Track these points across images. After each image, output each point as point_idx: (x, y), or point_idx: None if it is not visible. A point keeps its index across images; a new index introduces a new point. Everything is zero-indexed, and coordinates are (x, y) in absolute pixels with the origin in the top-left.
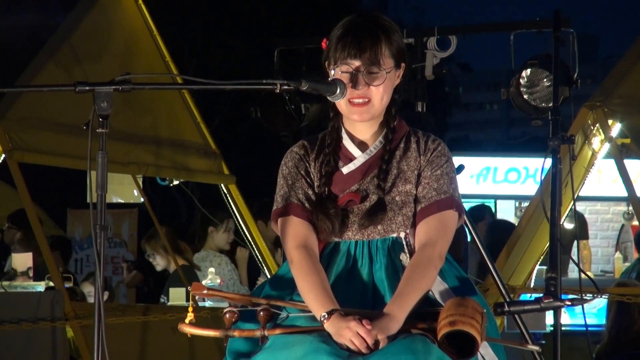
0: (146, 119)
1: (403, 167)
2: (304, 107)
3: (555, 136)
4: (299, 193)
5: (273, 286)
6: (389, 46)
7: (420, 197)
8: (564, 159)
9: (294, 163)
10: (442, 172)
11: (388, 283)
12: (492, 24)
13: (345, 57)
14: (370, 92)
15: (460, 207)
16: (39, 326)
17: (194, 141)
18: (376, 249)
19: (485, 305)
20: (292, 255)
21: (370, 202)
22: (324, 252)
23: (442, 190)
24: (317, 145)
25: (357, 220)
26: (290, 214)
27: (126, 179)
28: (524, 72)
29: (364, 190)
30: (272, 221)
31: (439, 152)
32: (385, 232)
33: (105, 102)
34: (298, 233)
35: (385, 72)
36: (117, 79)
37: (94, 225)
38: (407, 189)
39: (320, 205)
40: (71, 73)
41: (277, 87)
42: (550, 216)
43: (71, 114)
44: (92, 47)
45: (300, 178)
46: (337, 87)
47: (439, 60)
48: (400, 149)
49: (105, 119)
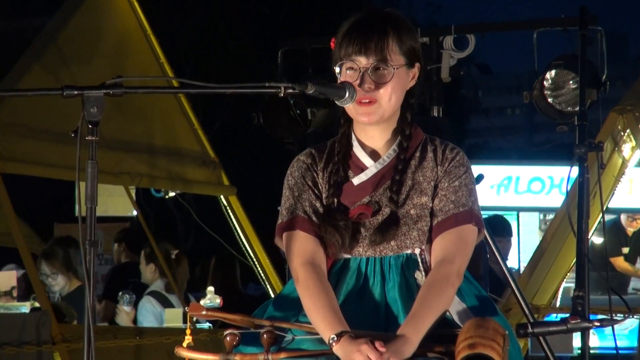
0: (139, 126)
1: (418, 178)
2: (310, 113)
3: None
4: (305, 205)
5: (277, 306)
6: (397, 42)
7: (437, 211)
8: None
9: (300, 173)
10: (460, 183)
11: (402, 303)
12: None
13: (350, 54)
14: (377, 92)
15: (479, 221)
16: (23, 350)
17: (191, 149)
18: (389, 267)
19: (507, 326)
20: (298, 273)
21: (383, 216)
22: (333, 270)
23: (461, 203)
24: (326, 153)
25: (368, 235)
26: (296, 228)
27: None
28: (548, 74)
29: (375, 203)
30: (276, 236)
31: (458, 162)
32: (398, 248)
33: (95, 108)
34: (304, 249)
35: (392, 69)
36: (108, 82)
37: (83, 241)
38: (423, 201)
39: (328, 217)
40: (58, 76)
41: (281, 90)
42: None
43: (58, 120)
44: (80, 49)
45: (307, 189)
46: (346, 90)
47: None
48: (416, 158)
49: (95, 126)
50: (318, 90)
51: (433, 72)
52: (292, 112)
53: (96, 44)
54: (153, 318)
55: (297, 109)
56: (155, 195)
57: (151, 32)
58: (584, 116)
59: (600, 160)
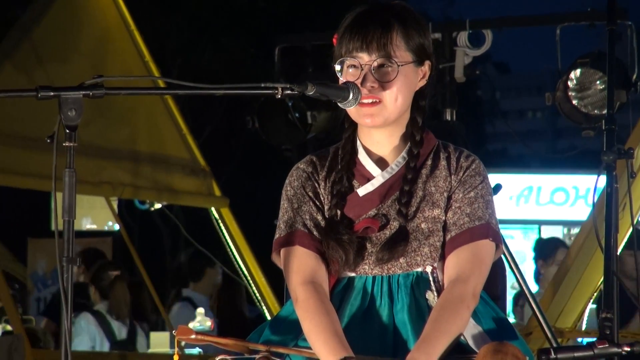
0: (122, 131)
1: (430, 189)
2: (310, 116)
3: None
4: (305, 218)
5: (274, 329)
6: (403, 36)
7: (451, 225)
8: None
9: (300, 182)
10: (476, 194)
11: (412, 326)
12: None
13: (352, 50)
14: (381, 91)
15: (497, 235)
16: None
17: (179, 157)
18: (397, 286)
19: (527, 351)
20: (297, 293)
21: (391, 231)
22: (336, 289)
23: (477, 216)
24: (328, 161)
25: (374, 251)
26: (295, 243)
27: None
28: (573, 74)
29: (383, 216)
30: (273, 252)
31: (473, 170)
32: (408, 265)
33: (73, 110)
34: (304, 266)
35: (397, 65)
36: (88, 82)
37: (60, 257)
38: (435, 214)
39: (331, 231)
40: (32, 76)
41: (278, 91)
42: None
43: (32, 124)
44: (57, 46)
45: (307, 200)
46: (349, 91)
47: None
48: (427, 166)
49: (73, 131)
50: (319, 92)
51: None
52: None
53: (74, 40)
54: (86, 336)
55: (296, 112)
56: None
57: (135, 28)
58: (612, 120)
59: (631, 169)
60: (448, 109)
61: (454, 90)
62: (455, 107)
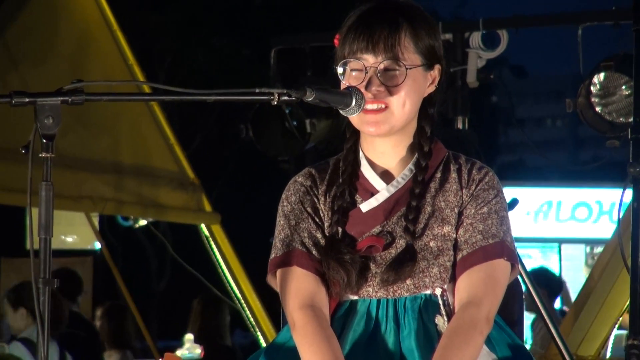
0: (104, 140)
1: (439, 204)
2: (309, 124)
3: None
4: (304, 236)
5: (270, 357)
6: (412, 37)
7: (462, 243)
8: None
9: (297, 197)
10: (489, 209)
11: (419, 354)
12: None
13: (356, 52)
14: (387, 96)
15: (513, 255)
16: None
17: (167, 169)
18: (404, 310)
19: None
20: (295, 318)
21: (397, 250)
22: (337, 314)
23: (490, 234)
24: (328, 174)
25: (379, 272)
26: (293, 263)
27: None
28: (596, 78)
29: (388, 234)
30: (268, 273)
31: (487, 183)
32: (416, 287)
33: (51, 118)
34: (302, 288)
35: (405, 68)
36: (66, 87)
37: (36, 279)
38: (445, 231)
39: (332, 250)
40: (5, 80)
41: (274, 97)
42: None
43: (5, 133)
44: (32, 47)
45: (305, 217)
46: (352, 97)
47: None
48: (436, 179)
49: (51, 140)
50: (319, 97)
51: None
52: (288, 123)
53: (51, 41)
54: None
55: (294, 120)
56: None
57: (118, 27)
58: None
59: None
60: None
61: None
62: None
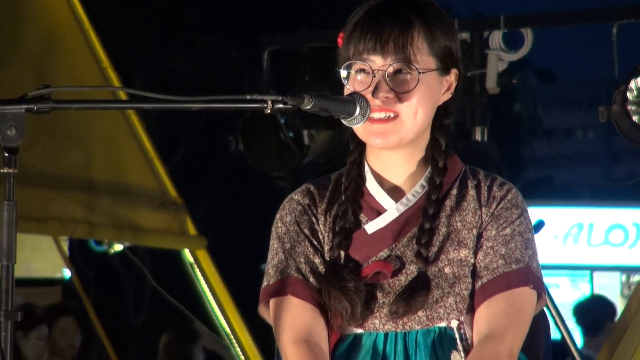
0: (74, 154)
1: (456, 225)
2: (307, 136)
3: None
4: (300, 262)
5: None
6: (427, 37)
7: (482, 269)
8: None
9: (293, 217)
10: (513, 231)
11: None
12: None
13: (362, 52)
14: (398, 103)
15: (539, 282)
16: None
17: (145, 186)
18: (415, 345)
19: None
20: (288, 353)
21: (407, 276)
22: (339, 349)
23: (514, 258)
24: (329, 191)
25: (387, 302)
26: (288, 292)
27: (45, 243)
28: (633, 83)
29: (397, 259)
30: (260, 303)
31: (509, 202)
32: (429, 320)
33: (14, 129)
34: (298, 320)
35: (418, 72)
36: (31, 94)
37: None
38: (462, 256)
39: (333, 277)
40: None
41: (267, 105)
42: None
43: None
44: None
45: (302, 240)
46: (356, 105)
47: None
48: (452, 197)
49: (14, 154)
50: (318, 105)
51: (476, 81)
52: (283, 135)
53: (14, 41)
54: None
55: (290, 131)
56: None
57: (90, 27)
58: None
59: None
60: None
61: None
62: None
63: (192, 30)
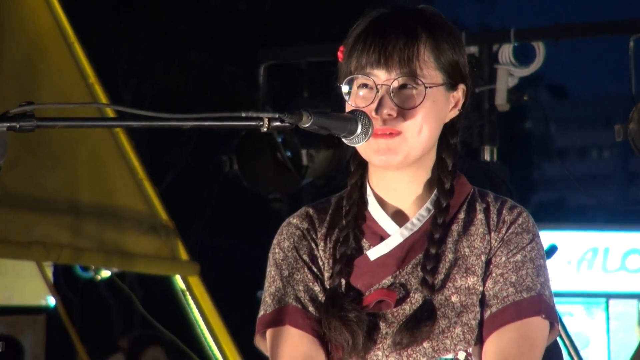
0: (59, 175)
1: (463, 251)
2: (305, 155)
3: None
4: (299, 290)
5: None
6: (433, 50)
7: (491, 297)
8: None
9: (291, 243)
10: (524, 257)
11: None
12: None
13: (365, 66)
14: (402, 121)
15: (552, 311)
16: None
17: (134, 209)
18: None
19: None
20: None
21: (412, 305)
22: None
23: (525, 286)
24: (329, 214)
25: (391, 332)
26: (285, 322)
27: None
28: None
29: (401, 287)
30: (256, 334)
31: (520, 226)
32: (434, 351)
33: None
34: (296, 352)
35: (424, 87)
36: (13, 111)
37: None
38: (470, 284)
39: (333, 306)
40: None
41: (263, 123)
42: None
43: None
44: None
45: (301, 266)
46: (358, 122)
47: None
48: (459, 221)
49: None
50: (317, 123)
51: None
52: (280, 154)
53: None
54: None
55: (287, 150)
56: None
57: (76, 40)
58: None
59: None
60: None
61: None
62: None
63: (184, 44)
